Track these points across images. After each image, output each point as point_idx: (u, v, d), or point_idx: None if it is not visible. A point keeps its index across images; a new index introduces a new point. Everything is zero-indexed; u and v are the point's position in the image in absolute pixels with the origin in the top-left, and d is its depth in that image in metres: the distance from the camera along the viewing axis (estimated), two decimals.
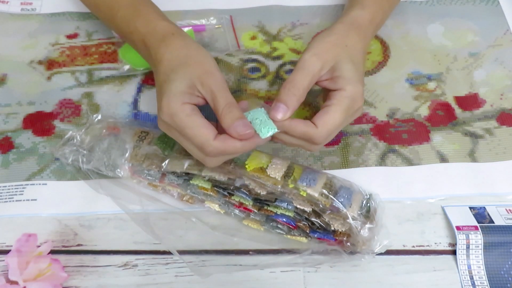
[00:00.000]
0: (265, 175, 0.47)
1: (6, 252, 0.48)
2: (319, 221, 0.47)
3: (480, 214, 0.50)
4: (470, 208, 0.51)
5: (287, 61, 0.63)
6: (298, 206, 0.47)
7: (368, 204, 0.48)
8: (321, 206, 0.46)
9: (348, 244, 0.47)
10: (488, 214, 0.50)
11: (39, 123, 0.58)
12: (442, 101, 0.59)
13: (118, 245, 0.50)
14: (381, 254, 0.49)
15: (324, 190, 0.46)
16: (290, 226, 0.49)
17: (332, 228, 0.47)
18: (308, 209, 0.47)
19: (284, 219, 0.48)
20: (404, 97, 0.60)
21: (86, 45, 0.65)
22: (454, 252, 0.49)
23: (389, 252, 0.49)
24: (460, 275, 0.48)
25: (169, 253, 0.49)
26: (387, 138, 0.56)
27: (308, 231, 0.48)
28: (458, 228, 0.49)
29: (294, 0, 0.68)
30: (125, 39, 0.57)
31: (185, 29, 0.64)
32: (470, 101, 0.59)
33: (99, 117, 0.55)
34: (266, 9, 0.68)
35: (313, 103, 0.59)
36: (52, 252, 0.49)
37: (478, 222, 0.49)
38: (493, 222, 0.49)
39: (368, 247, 0.47)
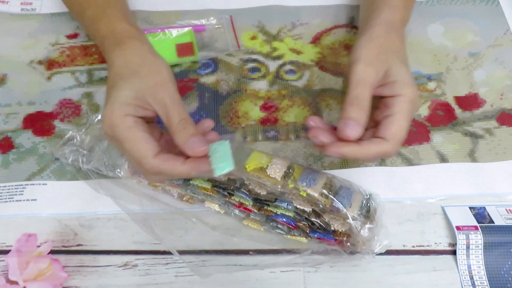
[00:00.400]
0: (265, 175, 0.47)
1: (6, 252, 0.48)
2: (319, 221, 0.47)
3: (480, 214, 0.50)
4: (470, 208, 0.51)
5: (287, 61, 0.63)
6: (298, 206, 0.47)
7: (368, 204, 0.48)
8: (321, 206, 0.46)
9: (348, 244, 0.47)
10: (488, 214, 0.50)
11: (39, 123, 0.58)
12: (442, 101, 0.59)
13: (118, 245, 0.50)
14: (381, 254, 0.49)
15: (324, 190, 0.46)
16: (290, 226, 0.49)
17: (332, 228, 0.47)
18: (308, 209, 0.47)
19: (284, 219, 0.48)
20: None
21: (86, 45, 0.65)
22: (454, 252, 0.49)
23: (389, 252, 0.49)
24: (460, 275, 0.48)
25: (169, 253, 0.49)
26: None
27: (308, 231, 0.48)
28: (458, 228, 0.49)
29: (294, 0, 0.68)
30: (93, 41, 0.56)
31: (185, 29, 0.64)
32: (470, 101, 0.59)
33: (99, 117, 0.55)
34: (266, 9, 0.68)
35: (313, 103, 0.59)
36: (52, 252, 0.49)
37: (478, 222, 0.49)
38: (493, 222, 0.49)
39: (368, 247, 0.47)
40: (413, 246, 0.50)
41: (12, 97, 0.60)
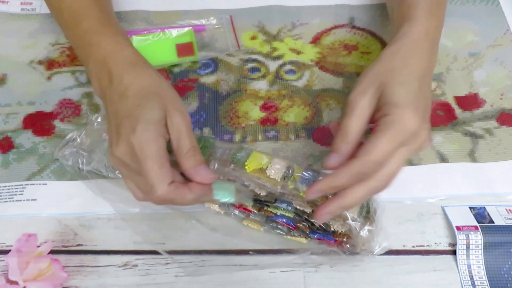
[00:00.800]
0: (265, 176, 0.47)
1: (6, 252, 0.48)
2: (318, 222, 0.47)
3: (480, 214, 0.50)
4: (470, 208, 0.51)
5: (287, 61, 0.63)
6: (298, 207, 0.47)
7: (368, 205, 0.48)
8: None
9: (348, 245, 0.47)
10: (488, 214, 0.50)
11: (39, 123, 0.58)
12: (442, 101, 0.59)
13: (118, 245, 0.50)
14: (381, 254, 0.49)
15: None
16: (290, 227, 0.49)
17: (332, 229, 0.47)
18: (308, 210, 0.47)
19: (284, 220, 0.48)
20: None
21: None
22: (454, 252, 0.49)
23: (389, 252, 0.49)
24: (460, 275, 0.48)
25: (169, 253, 0.49)
26: None
27: (308, 232, 0.48)
28: (458, 228, 0.49)
29: (294, 0, 0.68)
30: (76, 49, 0.54)
31: (185, 29, 0.64)
32: (470, 101, 0.59)
33: (99, 119, 0.55)
34: (266, 9, 0.68)
35: (313, 103, 0.59)
36: (52, 252, 0.49)
37: (478, 222, 0.49)
38: (493, 222, 0.49)
39: (367, 248, 0.47)
40: (413, 246, 0.50)
41: (12, 97, 0.60)
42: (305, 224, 0.48)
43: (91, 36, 0.50)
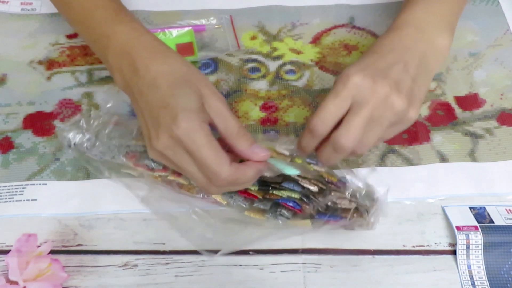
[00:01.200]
0: (274, 151, 0.47)
1: (6, 252, 0.48)
2: (325, 201, 0.47)
3: (480, 214, 0.50)
4: (470, 208, 0.51)
5: (287, 61, 0.63)
6: (305, 185, 0.47)
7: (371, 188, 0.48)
8: (327, 183, 0.47)
9: (356, 222, 0.47)
10: (488, 214, 0.50)
11: (39, 123, 0.58)
12: (442, 101, 0.59)
13: (118, 245, 0.50)
14: (381, 254, 0.49)
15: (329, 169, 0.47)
16: (296, 210, 0.48)
17: (339, 206, 0.47)
18: (314, 188, 0.47)
19: (290, 204, 0.48)
20: None
21: (86, 45, 0.64)
22: (454, 252, 0.49)
23: (389, 252, 0.49)
24: (460, 275, 0.48)
25: (169, 253, 0.49)
26: None
27: (314, 213, 0.48)
28: (458, 228, 0.49)
29: (294, 0, 0.68)
30: (92, 43, 0.52)
31: (185, 29, 0.64)
32: (470, 101, 0.59)
33: (109, 104, 0.54)
34: (266, 9, 0.68)
35: (313, 103, 0.59)
36: (52, 252, 0.49)
37: (478, 222, 0.49)
38: (493, 222, 0.49)
39: (374, 223, 0.47)
40: (413, 246, 0.50)
41: (12, 97, 0.60)
42: (311, 204, 0.47)
43: (106, 27, 0.48)
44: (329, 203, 0.47)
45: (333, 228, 0.48)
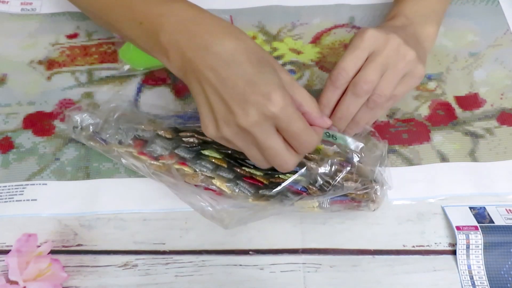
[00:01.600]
0: None
1: (6, 252, 0.48)
2: (332, 182, 0.47)
3: (480, 214, 0.50)
4: (470, 208, 0.51)
5: (287, 61, 0.63)
6: (312, 166, 0.47)
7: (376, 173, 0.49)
8: (334, 164, 0.47)
9: (363, 202, 0.48)
10: (488, 214, 0.50)
11: (39, 123, 0.58)
12: (442, 101, 0.59)
13: (118, 245, 0.50)
14: (381, 254, 0.49)
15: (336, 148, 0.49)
16: (302, 193, 0.48)
17: (346, 185, 0.47)
18: (321, 169, 0.47)
19: (297, 187, 0.48)
20: (404, 97, 0.60)
21: (86, 45, 0.65)
22: (454, 252, 0.49)
23: (389, 252, 0.49)
24: (460, 275, 0.48)
25: (169, 253, 0.49)
26: (387, 138, 0.56)
27: (320, 194, 0.48)
28: (458, 228, 0.49)
29: (294, 0, 0.68)
30: (134, 26, 0.48)
31: None
32: (470, 101, 0.59)
33: (113, 104, 0.55)
34: (266, 9, 0.68)
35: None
36: (52, 252, 0.49)
37: (478, 222, 0.49)
38: (493, 222, 0.49)
39: (380, 203, 0.48)
40: (413, 246, 0.50)
41: (12, 97, 0.60)
42: (318, 186, 0.47)
43: (159, 5, 0.45)
44: (336, 183, 0.47)
45: (339, 209, 0.48)
